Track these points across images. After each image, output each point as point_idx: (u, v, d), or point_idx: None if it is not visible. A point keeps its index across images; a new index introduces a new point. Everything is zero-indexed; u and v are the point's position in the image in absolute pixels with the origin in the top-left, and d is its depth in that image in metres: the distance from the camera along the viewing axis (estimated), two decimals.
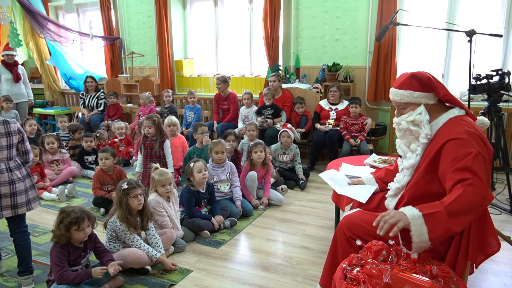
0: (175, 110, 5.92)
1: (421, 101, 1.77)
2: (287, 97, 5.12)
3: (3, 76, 5.96)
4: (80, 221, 2.19)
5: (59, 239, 2.20)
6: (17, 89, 6.08)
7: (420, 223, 1.50)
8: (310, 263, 2.65)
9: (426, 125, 1.74)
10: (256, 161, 3.69)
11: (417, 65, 4.93)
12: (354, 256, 1.54)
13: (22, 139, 2.49)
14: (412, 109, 1.78)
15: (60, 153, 4.65)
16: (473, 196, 1.50)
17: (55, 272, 2.20)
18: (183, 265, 2.64)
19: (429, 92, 1.77)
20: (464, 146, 1.61)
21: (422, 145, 1.77)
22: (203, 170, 3.11)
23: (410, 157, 1.83)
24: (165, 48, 6.35)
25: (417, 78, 1.77)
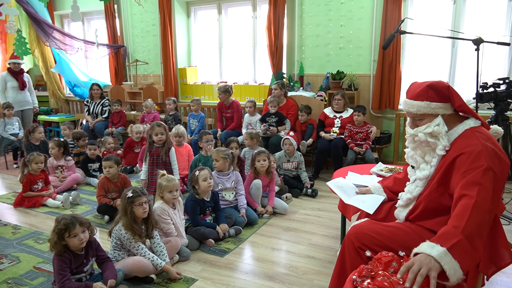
0: (180, 118, 5.92)
1: (438, 112, 1.72)
2: (291, 105, 5.12)
3: (9, 84, 6.01)
4: (71, 227, 2.17)
5: (54, 247, 2.19)
6: (23, 97, 6.12)
7: (449, 259, 1.40)
8: (316, 273, 2.62)
9: (444, 136, 1.70)
10: (260, 170, 3.68)
11: (422, 73, 4.94)
12: (364, 268, 1.51)
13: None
14: (429, 121, 1.74)
15: (64, 160, 4.65)
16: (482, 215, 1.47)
17: (57, 281, 2.18)
18: (187, 274, 2.62)
19: (446, 102, 1.73)
20: (476, 159, 1.58)
21: (438, 156, 1.73)
22: (209, 178, 3.10)
23: (424, 168, 1.79)
24: (169, 56, 6.38)
25: (434, 89, 1.73)
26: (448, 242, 1.43)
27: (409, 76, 5.00)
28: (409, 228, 1.79)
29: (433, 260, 1.40)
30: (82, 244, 2.23)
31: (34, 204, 3.97)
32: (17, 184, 4.52)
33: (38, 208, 3.94)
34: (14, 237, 3.27)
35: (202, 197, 3.13)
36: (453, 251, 1.41)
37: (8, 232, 3.36)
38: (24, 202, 3.99)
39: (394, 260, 1.53)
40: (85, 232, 2.24)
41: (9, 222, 3.60)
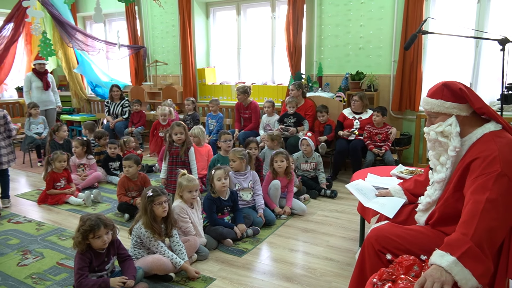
0: (198, 118, 5.97)
1: (452, 112, 1.71)
2: (310, 105, 5.10)
3: (34, 84, 6.18)
4: (95, 229, 2.22)
5: (78, 246, 2.24)
6: (46, 96, 6.28)
7: (460, 269, 1.39)
8: (335, 275, 2.60)
9: (455, 137, 1.67)
10: (278, 170, 3.68)
11: (444, 74, 4.84)
12: (384, 271, 1.50)
13: (6, 122, 3.80)
14: (442, 120, 1.73)
15: (86, 159, 4.76)
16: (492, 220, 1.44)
17: (75, 279, 2.24)
18: (206, 273, 2.65)
19: (461, 103, 1.70)
20: (490, 164, 1.54)
21: (451, 158, 1.71)
22: (223, 178, 3.12)
23: (440, 171, 1.77)
24: (188, 57, 6.44)
25: (449, 88, 1.72)
26: (458, 250, 1.41)
27: (430, 76, 4.91)
28: (430, 232, 1.76)
29: (444, 272, 1.39)
30: (104, 245, 2.28)
31: (57, 201, 4.07)
32: (41, 181, 4.65)
33: (61, 205, 4.04)
34: (38, 233, 3.36)
35: (218, 195, 3.15)
36: (463, 259, 1.39)
37: (33, 229, 3.46)
38: (48, 200, 4.10)
39: (416, 264, 1.51)
40: (108, 234, 2.29)
41: (33, 218, 3.70)
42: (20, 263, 2.84)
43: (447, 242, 1.47)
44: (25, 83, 6.26)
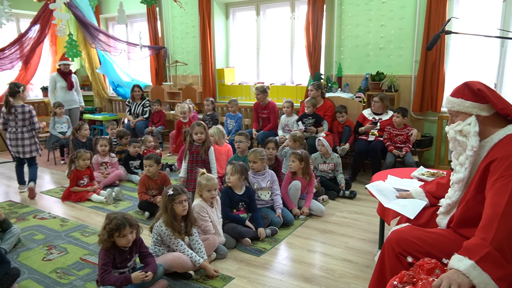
0: (217, 118, 6.02)
1: (472, 111, 1.70)
2: (329, 106, 5.07)
3: (58, 84, 6.34)
4: (122, 228, 2.28)
5: (103, 244, 2.30)
6: (70, 96, 6.42)
7: (478, 273, 1.37)
8: (353, 277, 2.59)
9: (473, 136, 1.66)
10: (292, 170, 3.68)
11: (468, 74, 4.74)
12: (405, 274, 1.49)
13: (31, 116, 4.29)
14: (462, 119, 1.72)
15: (109, 157, 4.87)
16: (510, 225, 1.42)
17: (98, 274, 2.30)
18: (224, 272, 2.67)
19: (482, 103, 1.69)
20: (510, 166, 1.52)
21: (469, 158, 1.69)
22: (229, 174, 3.19)
23: (458, 171, 1.76)
24: (208, 57, 6.50)
25: (469, 87, 1.71)
26: (476, 254, 1.39)
27: (453, 77, 4.81)
28: (452, 235, 1.74)
29: (461, 275, 1.37)
30: (128, 244, 2.34)
31: (80, 198, 4.18)
32: (65, 179, 4.78)
33: (84, 202, 4.14)
34: (62, 229, 3.46)
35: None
36: (482, 264, 1.37)
37: (57, 225, 3.56)
38: (71, 197, 4.21)
39: (438, 267, 1.49)
40: (133, 233, 2.34)
41: (58, 215, 3.81)
42: (45, 258, 2.93)
43: (466, 246, 1.46)
44: (50, 83, 6.43)
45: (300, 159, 3.65)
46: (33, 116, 4.31)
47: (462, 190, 1.75)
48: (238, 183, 3.21)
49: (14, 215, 3.80)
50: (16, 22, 7.55)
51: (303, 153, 3.72)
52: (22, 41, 6.85)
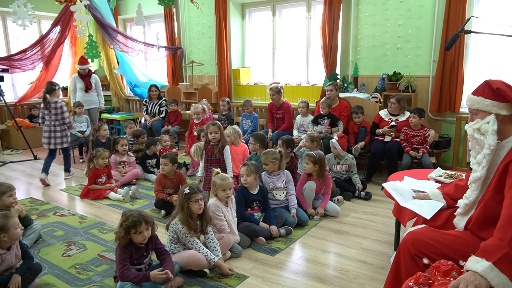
0: (232, 118, 6.05)
1: (491, 110, 1.68)
2: (344, 106, 5.04)
3: (78, 85, 6.53)
4: (138, 225, 2.32)
5: (120, 241, 2.35)
6: (89, 97, 6.56)
7: (496, 274, 1.36)
8: (368, 278, 2.57)
9: (491, 135, 1.65)
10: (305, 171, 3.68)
11: (487, 74, 4.64)
12: (421, 275, 1.48)
13: (62, 112, 4.80)
14: (481, 117, 1.71)
15: (127, 156, 4.96)
16: None
17: (117, 270, 2.34)
18: (239, 271, 2.69)
19: (502, 102, 1.67)
20: None
21: (486, 156, 1.67)
22: (245, 175, 3.20)
23: (476, 170, 1.74)
24: (224, 57, 6.54)
25: (490, 86, 1.70)
26: (494, 256, 1.38)
27: (472, 77, 4.72)
28: (470, 237, 1.72)
29: (478, 276, 1.36)
30: (144, 240, 2.38)
31: (98, 196, 4.26)
32: (83, 177, 4.89)
33: (102, 200, 4.23)
34: (81, 226, 3.54)
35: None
36: (500, 265, 1.36)
37: (76, 222, 3.65)
38: (90, 194, 4.30)
39: (454, 269, 1.48)
40: (148, 230, 2.38)
41: (77, 212, 3.90)
42: (64, 253, 3.00)
43: (483, 247, 1.45)
44: (71, 84, 6.64)
45: (314, 161, 3.63)
46: (64, 111, 4.82)
47: (480, 190, 1.73)
48: (254, 183, 3.24)
49: (35, 211, 3.90)
50: (38, 24, 7.76)
51: (317, 155, 3.67)
52: (43, 42, 7.03)
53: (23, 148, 6.72)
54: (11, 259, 2.44)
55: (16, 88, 7.77)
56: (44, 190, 4.62)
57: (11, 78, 7.60)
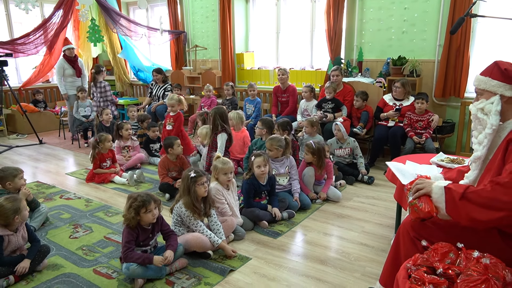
0: (236, 103, 6.05)
1: (497, 90, 1.69)
2: (349, 91, 5.03)
3: (67, 72, 6.28)
4: (147, 204, 2.38)
5: (130, 222, 2.39)
6: (79, 83, 6.41)
7: (440, 193, 1.62)
8: (369, 260, 2.62)
9: (494, 115, 1.66)
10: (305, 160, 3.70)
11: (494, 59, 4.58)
12: (419, 256, 1.51)
13: (106, 90, 6.09)
14: (486, 97, 1.72)
15: (131, 140, 4.99)
16: (498, 195, 1.48)
17: (122, 251, 2.40)
18: (242, 253, 2.74)
19: (509, 83, 1.67)
20: None
21: (488, 136, 1.69)
22: (262, 166, 3.16)
23: (477, 149, 1.76)
24: (227, 41, 6.50)
25: (498, 67, 1.70)
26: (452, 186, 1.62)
27: (478, 62, 4.67)
28: None
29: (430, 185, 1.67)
30: (154, 219, 2.43)
31: (103, 180, 4.32)
32: (88, 161, 4.93)
33: (107, 184, 4.28)
34: (87, 209, 3.60)
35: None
36: (448, 191, 1.61)
37: (82, 205, 3.71)
38: (95, 178, 4.36)
39: (452, 251, 1.51)
40: (156, 209, 2.44)
41: (82, 195, 3.96)
42: (71, 235, 3.07)
43: (455, 184, 1.65)
44: (58, 70, 6.32)
45: (312, 152, 3.63)
46: (107, 90, 6.16)
47: (480, 169, 1.75)
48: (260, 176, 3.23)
49: (42, 195, 3.97)
50: (40, 8, 7.72)
51: (316, 146, 3.62)
52: (46, 26, 6.99)
53: (28, 132, 6.78)
54: (18, 240, 2.51)
55: (20, 72, 7.79)
56: (50, 174, 4.68)
57: (15, 62, 7.61)
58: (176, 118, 4.61)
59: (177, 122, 4.57)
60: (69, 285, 2.40)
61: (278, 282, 2.39)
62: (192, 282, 2.41)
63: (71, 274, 2.52)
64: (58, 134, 6.79)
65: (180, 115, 4.68)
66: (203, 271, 2.52)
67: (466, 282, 1.33)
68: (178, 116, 4.64)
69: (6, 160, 5.32)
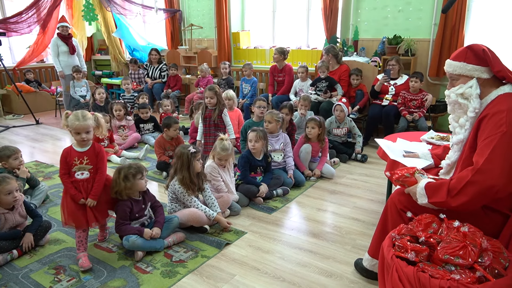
0: (232, 82, 6.07)
1: (473, 74, 1.73)
2: (344, 70, 5.04)
3: (60, 49, 6.23)
4: (142, 170, 2.51)
5: (121, 192, 2.46)
6: (73, 61, 6.36)
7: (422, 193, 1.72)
8: (359, 234, 2.72)
9: (475, 98, 1.70)
10: (309, 136, 3.76)
11: (488, 38, 4.62)
12: (403, 226, 1.59)
13: None
14: (463, 82, 1.76)
15: (126, 120, 5.03)
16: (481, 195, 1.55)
17: (116, 226, 2.51)
18: (238, 227, 2.84)
19: (483, 66, 1.71)
20: (497, 124, 1.58)
21: (470, 119, 1.74)
22: (253, 141, 3.25)
23: (458, 132, 1.81)
24: (223, 20, 6.46)
25: (473, 50, 1.73)
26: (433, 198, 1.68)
27: (473, 41, 4.70)
28: None
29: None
30: (145, 186, 2.54)
31: None
32: None
33: None
34: None
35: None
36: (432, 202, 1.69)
37: None
38: None
39: (434, 221, 1.59)
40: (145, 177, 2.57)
41: None
42: None
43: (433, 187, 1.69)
44: (52, 48, 6.27)
45: (319, 125, 3.71)
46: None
47: (461, 150, 1.81)
48: (260, 149, 3.31)
49: (41, 174, 4.03)
50: None
51: (321, 119, 3.76)
52: (38, 4, 6.89)
53: (24, 113, 6.78)
54: (15, 218, 2.58)
55: (13, 52, 7.73)
56: (49, 154, 4.73)
57: (8, 42, 7.55)
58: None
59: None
60: (71, 259, 2.49)
61: (272, 254, 2.49)
62: (190, 255, 2.50)
63: (73, 248, 2.60)
64: (54, 114, 6.80)
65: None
66: (200, 244, 2.62)
67: (445, 248, 1.42)
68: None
69: (4, 140, 5.36)
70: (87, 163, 2.39)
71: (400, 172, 1.82)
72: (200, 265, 2.39)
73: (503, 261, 1.46)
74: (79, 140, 2.38)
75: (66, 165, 2.39)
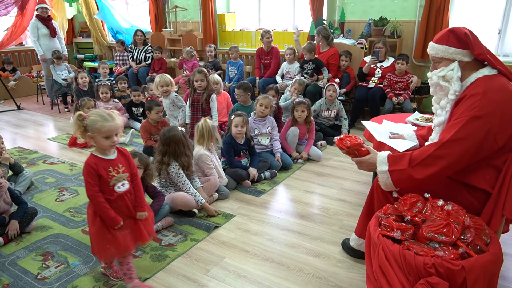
0: (219, 65, 5.99)
1: (455, 57, 1.75)
2: (333, 53, 4.99)
3: (40, 31, 6.01)
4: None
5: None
6: (54, 44, 6.17)
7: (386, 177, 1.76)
8: (346, 215, 2.77)
9: (456, 81, 1.73)
10: (298, 119, 3.76)
11: (472, 20, 4.65)
12: (389, 206, 1.63)
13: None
14: (445, 65, 1.78)
15: (113, 102, 4.95)
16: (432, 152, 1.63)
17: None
18: (226, 211, 2.86)
19: (465, 49, 1.73)
20: (470, 106, 1.62)
21: (450, 102, 1.77)
22: (240, 126, 3.24)
23: (440, 114, 1.84)
24: (208, 2, 6.33)
25: (455, 34, 1.74)
26: (394, 166, 1.74)
27: (457, 23, 4.73)
28: None
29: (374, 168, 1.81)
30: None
31: (87, 144, 4.31)
32: (69, 126, 4.89)
33: (90, 148, 4.28)
34: (72, 173, 3.63)
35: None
36: (393, 174, 1.74)
37: (66, 169, 3.73)
38: (78, 143, 4.35)
39: (419, 201, 1.63)
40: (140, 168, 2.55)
41: (66, 160, 3.97)
42: (58, 198, 3.11)
43: (396, 157, 1.76)
44: (31, 30, 6.05)
45: (308, 108, 3.72)
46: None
47: None
48: (238, 136, 3.30)
49: (25, 160, 3.96)
50: None
51: (308, 101, 3.77)
52: None
53: (4, 98, 6.60)
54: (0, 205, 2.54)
55: None
56: (32, 140, 4.64)
57: None
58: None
59: None
60: (58, 245, 2.48)
61: (261, 236, 2.52)
62: (179, 238, 2.52)
63: (60, 234, 2.59)
64: (36, 100, 6.64)
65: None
66: (189, 228, 2.63)
67: (430, 226, 1.46)
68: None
69: None
70: (124, 171, 1.92)
71: (349, 140, 1.86)
72: (189, 248, 2.40)
73: (485, 238, 1.50)
74: (107, 146, 1.88)
75: (98, 180, 1.85)
